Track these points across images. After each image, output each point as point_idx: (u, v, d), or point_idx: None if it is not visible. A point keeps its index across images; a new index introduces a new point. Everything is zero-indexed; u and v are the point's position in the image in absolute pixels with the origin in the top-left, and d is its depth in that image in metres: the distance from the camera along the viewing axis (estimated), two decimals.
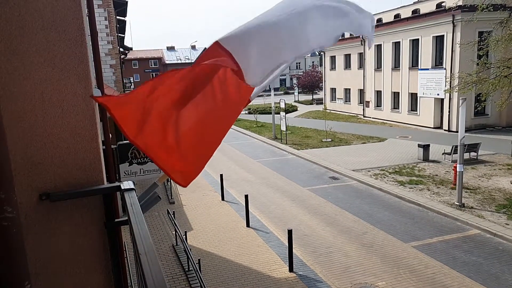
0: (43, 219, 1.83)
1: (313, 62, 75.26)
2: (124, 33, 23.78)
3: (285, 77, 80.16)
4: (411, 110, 29.57)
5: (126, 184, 1.87)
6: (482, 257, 9.72)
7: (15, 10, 1.69)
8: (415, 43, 28.60)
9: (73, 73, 1.84)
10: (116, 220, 1.98)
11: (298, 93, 58.16)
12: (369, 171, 17.57)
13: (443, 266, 9.32)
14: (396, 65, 30.84)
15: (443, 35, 25.76)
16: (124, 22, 20.98)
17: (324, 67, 44.48)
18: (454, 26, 24.65)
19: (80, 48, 1.83)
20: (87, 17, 3.80)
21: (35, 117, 1.78)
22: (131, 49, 26.42)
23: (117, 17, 18.08)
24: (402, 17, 29.82)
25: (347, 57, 39.05)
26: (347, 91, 39.48)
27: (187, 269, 9.55)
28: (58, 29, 1.78)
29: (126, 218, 1.75)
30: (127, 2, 17.49)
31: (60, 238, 1.87)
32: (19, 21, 1.70)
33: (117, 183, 1.94)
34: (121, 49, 19.85)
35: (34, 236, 1.81)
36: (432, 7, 26.83)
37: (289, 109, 40.27)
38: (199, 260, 8.68)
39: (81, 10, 1.82)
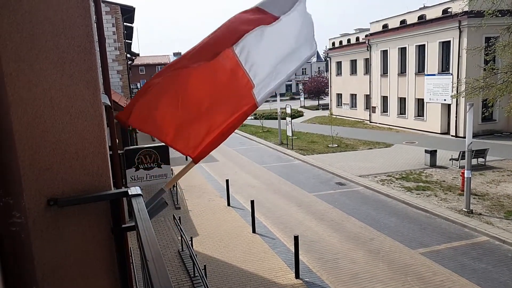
0: (51, 224, 1.84)
1: (319, 67, 75.39)
2: (131, 39, 24.03)
3: (291, 82, 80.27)
4: (418, 116, 29.41)
5: (134, 190, 1.87)
6: (491, 264, 9.57)
7: (26, 18, 1.71)
8: (421, 49, 28.52)
9: (81, 79, 1.86)
10: (123, 225, 1.98)
11: (304, 98, 58.19)
12: (375, 176, 17.45)
13: (452, 274, 9.19)
14: (402, 71, 30.74)
15: (449, 41, 25.66)
16: (131, 28, 21.22)
17: (330, 73, 44.50)
18: (460, 31, 24.55)
19: (88, 55, 1.85)
20: (95, 24, 3.84)
21: (44, 123, 1.80)
22: (138, 55, 26.69)
23: (125, 23, 18.27)
24: (408, 23, 29.79)
25: (353, 62, 39.03)
26: (353, 96, 39.41)
27: (193, 275, 9.53)
28: (68, 36, 1.80)
29: (133, 223, 1.74)
30: (134, 9, 17.67)
31: (68, 243, 1.88)
32: (30, 28, 1.72)
33: (124, 189, 1.94)
34: (128, 55, 20.06)
35: (42, 241, 1.81)
36: (438, 13, 26.78)
37: (295, 114, 40.29)
38: (205, 266, 8.65)
39: (90, 17, 1.84)
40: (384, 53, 32.78)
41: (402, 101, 31.14)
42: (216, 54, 2.37)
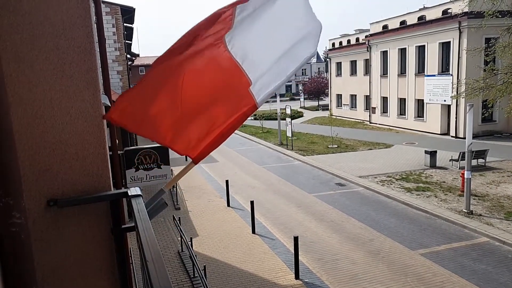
0: (50, 225, 1.83)
1: (318, 68, 75.39)
2: (131, 40, 24.03)
3: (291, 83, 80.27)
4: (418, 116, 29.42)
5: (133, 191, 1.87)
6: (491, 265, 9.57)
7: (26, 19, 1.71)
8: (421, 50, 28.53)
9: (81, 80, 1.86)
10: (122, 226, 1.98)
11: (304, 99, 58.22)
12: (375, 177, 17.45)
13: (452, 275, 9.19)
14: (402, 71, 30.75)
15: (449, 42, 25.68)
16: (131, 29, 21.22)
17: (330, 73, 44.52)
18: (460, 32, 24.57)
19: (88, 56, 1.85)
20: (95, 25, 3.84)
21: (44, 123, 1.80)
22: (138, 55, 26.70)
23: (125, 24, 18.27)
24: (408, 23, 29.81)
25: (353, 63, 39.05)
26: (353, 97, 39.42)
27: (192, 276, 9.52)
28: (68, 37, 1.80)
29: (133, 224, 1.75)
30: (134, 9, 17.68)
31: (67, 244, 1.88)
32: (29, 29, 1.72)
33: (124, 189, 1.94)
34: (128, 56, 20.06)
35: (42, 242, 1.81)
36: (438, 14, 26.79)
37: (295, 115, 40.28)
38: (204, 266, 8.65)
39: (90, 18, 1.84)
40: (384, 54, 32.79)
41: (402, 102, 31.15)
42: (196, 37, 2.29)
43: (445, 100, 26.18)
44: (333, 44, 43.25)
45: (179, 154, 2.32)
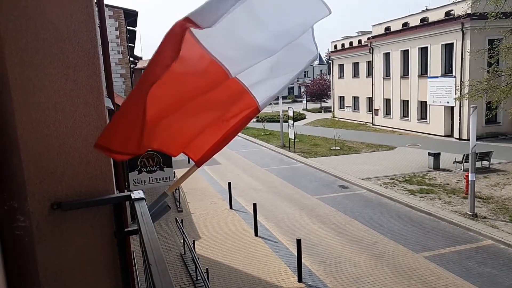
0: (54, 228, 1.84)
1: (321, 70, 75.39)
2: (134, 43, 24.13)
3: (293, 85, 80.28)
4: (421, 118, 29.34)
5: (136, 194, 1.88)
6: (497, 268, 9.50)
7: (31, 23, 1.73)
8: (424, 51, 28.49)
9: (85, 84, 1.87)
10: (125, 229, 1.98)
11: (306, 101, 58.22)
12: (378, 179, 17.40)
13: (456, 278, 9.13)
14: (405, 73, 30.71)
15: (452, 43, 25.63)
16: (134, 32, 21.32)
17: (333, 75, 44.53)
18: (463, 34, 24.52)
19: (92, 60, 1.87)
20: (99, 28, 3.87)
21: (48, 127, 1.81)
22: (140, 58, 26.74)
23: (127, 27, 18.35)
24: (410, 25, 29.78)
25: (356, 65, 39.04)
26: (355, 99, 39.39)
27: (195, 278, 9.51)
28: (72, 41, 1.81)
29: (136, 227, 1.75)
30: (137, 12, 17.75)
31: (71, 247, 1.89)
32: (34, 33, 1.74)
33: (127, 193, 1.95)
34: (131, 59, 20.14)
35: (45, 245, 1.82)
36: (441, 15, 26.76)
37: (297, 117, 40.27)
38: (207, 269, 8.65)
39: (94, 22, 1.85)
40: (387, 56, 32.76)
41: (405, 104, 31.08)
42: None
43: (448, 102, 26.10)
44: (335, 46, 43.27)
45: (172, 155, 2.31)
